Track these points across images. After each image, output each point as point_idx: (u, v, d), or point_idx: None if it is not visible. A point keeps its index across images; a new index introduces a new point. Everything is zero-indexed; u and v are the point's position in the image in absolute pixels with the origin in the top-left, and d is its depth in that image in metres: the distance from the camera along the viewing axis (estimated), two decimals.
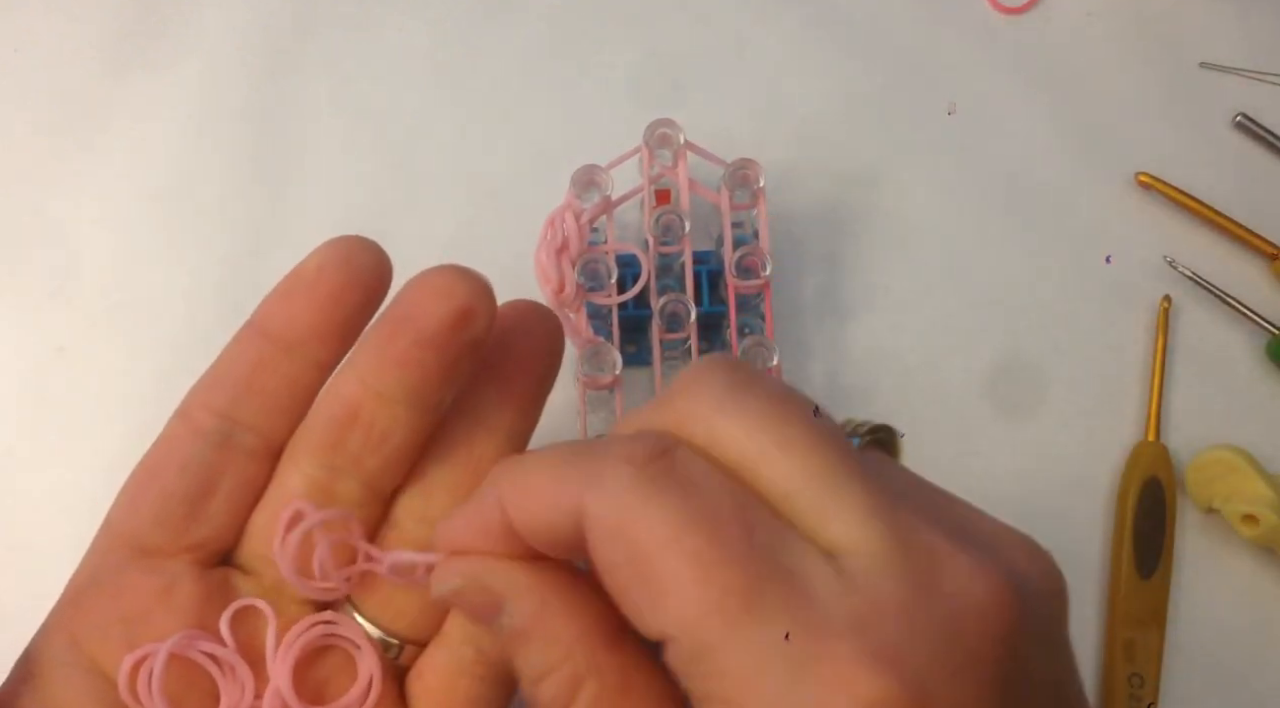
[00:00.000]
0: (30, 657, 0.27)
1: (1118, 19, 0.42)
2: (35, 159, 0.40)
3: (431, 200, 0.40)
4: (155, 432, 0.37)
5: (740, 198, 0.35)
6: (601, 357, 0.34)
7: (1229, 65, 0.42)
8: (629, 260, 0.35)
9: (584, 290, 0.34)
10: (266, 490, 0.26)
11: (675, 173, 0.35)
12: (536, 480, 0.23)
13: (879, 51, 0.42)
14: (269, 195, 0.40)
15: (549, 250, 0.33)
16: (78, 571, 0.28)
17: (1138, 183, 0.40)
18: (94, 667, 0.26)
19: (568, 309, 0.34)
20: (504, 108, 0.41)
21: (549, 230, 0.33)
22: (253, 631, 0.26)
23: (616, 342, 0.34)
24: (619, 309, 0.34)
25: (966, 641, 0.20)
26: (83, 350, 0.38)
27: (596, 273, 0.34)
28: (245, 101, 0.41)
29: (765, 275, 0.34)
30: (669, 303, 0.34)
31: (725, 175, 0.35)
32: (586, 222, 0.34)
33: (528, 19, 0.42)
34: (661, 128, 0.35)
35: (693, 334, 0.34)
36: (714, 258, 0.36)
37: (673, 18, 0.42)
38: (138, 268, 0.39)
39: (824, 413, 0.23)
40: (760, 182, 0.35)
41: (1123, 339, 0.39)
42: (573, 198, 0.34)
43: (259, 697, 0.25)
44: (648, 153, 0.35)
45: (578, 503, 0.21)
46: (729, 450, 0.22)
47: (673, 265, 0.35)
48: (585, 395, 0.34)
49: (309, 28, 0.42)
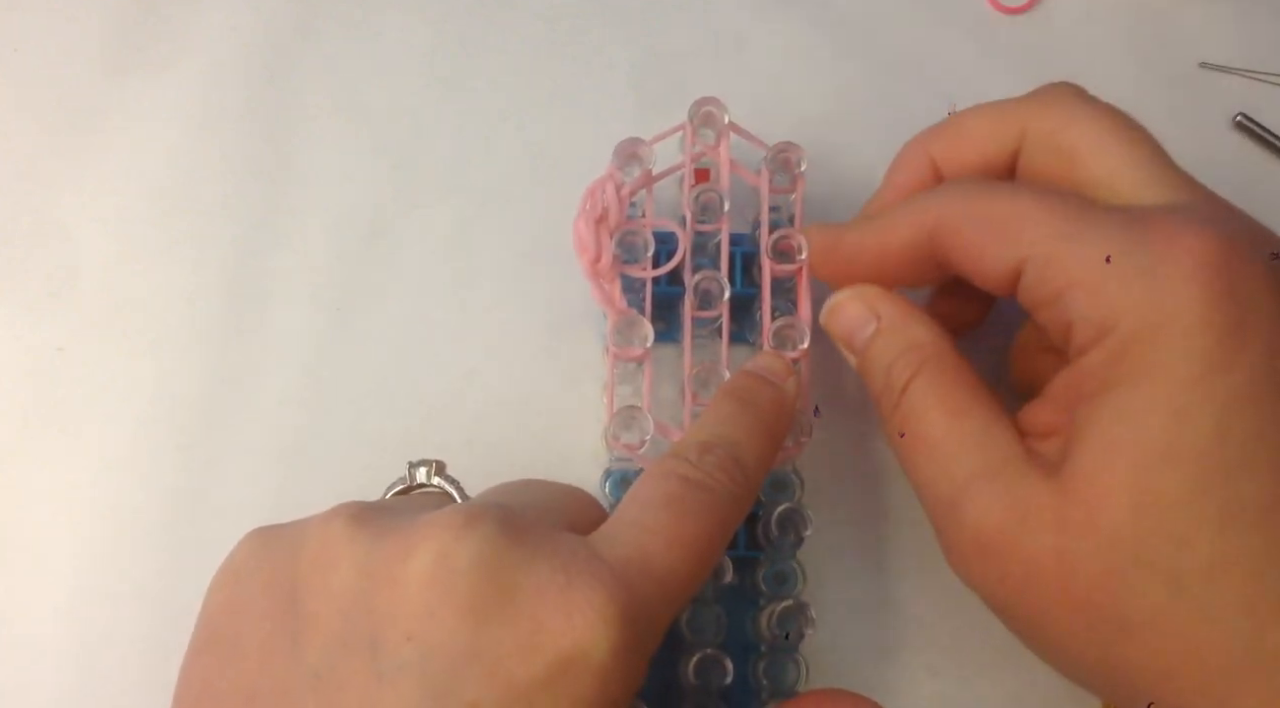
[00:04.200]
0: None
1: (1118, 19, 0.42)
2: (35, 159, 0.40)
3: (431, 200, 0.40)
4: (155, 432, 0.37)
5: (780, 181, 0.35)
6: (634, 328, 0.34)
7: (1229, 65, 0.42)
8: (666, 237, 0.34)
9: (620, 262, 0.34)
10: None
11: (717, 152, 0.35)
12: (894, 217, 0.31)
13: (878, 51, 0.42)
14: (269, 195, 0.40)
15: (588, 220, 0.33)
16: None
17: None
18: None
19: (603, 280, 0.34)
20: (504, 108, 0.41)
21: (589, 200, 0.33)
22: None
23: (648, 316, 0.34)
24: (653, 285, 0.34)
25: (1267, 235, 0.28)
26: (83, 350, 0.38)
27: (634, 245, 0.34)
28: (245, 101, 0.41)
29: (801, 260, 0.34)
30: (703, 280, 0.34)
31: (767, 157, 0.35)
32: (627, 194, 0.34)
33: (528, 19, 0.42)
34: (707, 106, 0.35)
35: (724, 314, 0.34)
36: (750, 240, 0.36)
37: (673, 18, 0.42)
38: (138, 268, 0.39)
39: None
40: (802, 166, 0.35)
41: None
42: (614, 169, 0.34)
43: None
44: (691, 130, 0.35)
45: (934, 218, 0.30)
46: (1074, 134, 0.30)
47: (708, 244, 0.35)
48: (615, 367, 0.34)
49: (309, 28, 0.42)
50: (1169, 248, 0.26)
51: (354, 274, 0.39)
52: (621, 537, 0.25)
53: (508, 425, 0.37)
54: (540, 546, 0.24)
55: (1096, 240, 0.27)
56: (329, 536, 0.25)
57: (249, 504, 0.37)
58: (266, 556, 0.26)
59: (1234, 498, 0.25)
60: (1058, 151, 0.30)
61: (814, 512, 0.34)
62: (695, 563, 0.26)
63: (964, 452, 0.28)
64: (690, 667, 0.32)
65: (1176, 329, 0.26)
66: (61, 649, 0.35)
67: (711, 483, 0.27)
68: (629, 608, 0.23)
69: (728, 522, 0.27)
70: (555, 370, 0.38)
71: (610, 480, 0.34)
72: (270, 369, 0.38)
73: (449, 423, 0.37)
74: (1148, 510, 0.25)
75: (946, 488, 0.28)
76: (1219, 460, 0.25)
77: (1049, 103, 0.31)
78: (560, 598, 0.23)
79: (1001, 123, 0.32)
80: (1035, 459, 0.28)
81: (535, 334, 0.38)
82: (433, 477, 0.31)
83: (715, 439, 0.28)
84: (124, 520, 0.36)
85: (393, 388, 0.38)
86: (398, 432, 0.37)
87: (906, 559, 0.36)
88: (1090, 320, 0.27)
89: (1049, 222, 0.28)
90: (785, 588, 0.33)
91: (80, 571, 0.36)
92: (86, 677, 0.35)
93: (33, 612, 0.36)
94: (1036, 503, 0.27)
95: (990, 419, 0.29)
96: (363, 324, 0.38)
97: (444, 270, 0.39)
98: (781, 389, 0.31)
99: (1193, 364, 0.25)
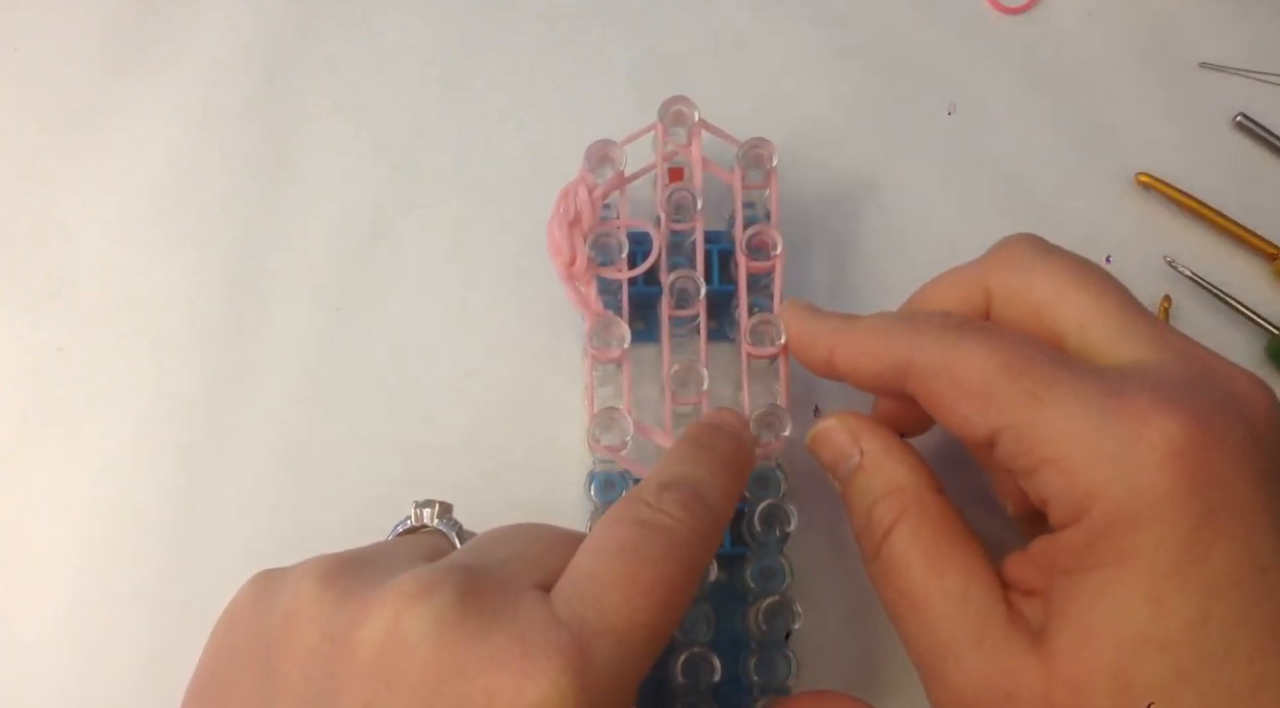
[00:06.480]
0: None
1: (1118, 19, 0.42)
2: (35, 159, 0.40)
3: (431, 200, 0.40)
4: (155, 432, 0.37)
5: (753, 177, 0.35)
6: (611, 330, 0.34)
7: (1229, 65, 0.42)
8: (640, 237, 0.35)
9: (595, 264, 0.34)
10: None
11: (689, 151, 0.35)
12: (867, 343, 0.31)
13: (878, 51, 0.42)
14: (269, 196, 0.40)
15: (561, 223, 0.33)
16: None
17: (1138, 183, 0.40)
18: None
19: (578, 282, 0.34)
20: (504, 108, 0.41)
21: (562, 203, 0.33)
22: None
23: (626, 317, 0.34)
24: (629, 285, 0.34)
25: (1239, 406, 0.27)
26: (83, 350, 0.38)
27: (608, 247, 0.34)
28: (245, 101, 0.41)
29: (776, 254, 0.34)
30: (679, 279, 0.34)
31: (739, 154, 0.35)
32: (600, 196, 0.34)
33: (528, 19, 0.42)
34: (677, 105, 0.35)
35: (702, 311, 0.34)
36: (725, 237, 0.36)
37: (673, 17, 0.42)
38: (138, 268, 0.39)
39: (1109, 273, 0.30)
40: (774, 161, 0.35)
41: None
42: (586, 172, 0.34)
43: None
44: (662, 129, 0.35)
45: (905, 359, 0.29)
46: (1037, 291, 0.30)
47: (684, 243, 0.35)
48: (593, 368, 0.34)
49: (309, 28, 0.42)
50: (1141, 428, 0.26)
51: (354, 274, 0.39)
52: (578, 593, 0.25)
53: (507, 425, 0.37)
54: (499, 614, 0.24)
55: (1068, 414, 0.26)
56: (299, 594, 0.25)
57: (249, 504, 0.37)
58: (256, 605, 0.26)
59: (1214, 685, 0.25)
60: (1025, 308, 0.30)
61: (808, 507, 0.34)
62: (657, 611, 0.25)
63: (947, 612, 0.28)
64: (678, 666, 0.32)
65: (1151, 518, 0.25)
66: (61, 649, 0.35)
67: (670, 523, 0.26)
68: (585, 675, 0.23)
69: (692, 563, 0.26)
70: (555, 370, 0.38)
71: (594, 483, 0.34)
72: (270, 369, 0.38)
73: (449, 423, 0.37)
74: (1129, 696, 0.25)
75: (930, 647, 0.28)
76: (1198, 649, 0.25)
77: (1010, 261, 0.31)
78: (515, 668, 0.23)
79: (966, 288, 0.31)
80: (1018, 622, 0.28)
81: (535, 334, 0.38)
82: (435, 519, 0.31)
83: (675, 479, 0.28)
84: (124, 520, 0.36)
85: (393, 388, 0.38)
86: (397, 432, 0.37)
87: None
88: (1065, 501, 0.27)
89: (1019, 389, 0.27)
90: (773, 584, 0.33)
91: (80, 571, 0.36)
92: (86, 677, 0.35)
93: (33, 612, 0.36)
94: (1023, 679, 0.27)
95: (972, 575, 0.29)
96: (363, 324, 0.38)
97: (444, 270, 0.39)
98: (738, 437, 0.31)
99: (1169, 553, 0.25)
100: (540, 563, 0.26)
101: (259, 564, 0.28)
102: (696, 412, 0.34)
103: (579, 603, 0.24)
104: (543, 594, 0.25)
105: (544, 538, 0.28)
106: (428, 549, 0.28)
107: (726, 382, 0.37)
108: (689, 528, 0.26)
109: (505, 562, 0.26)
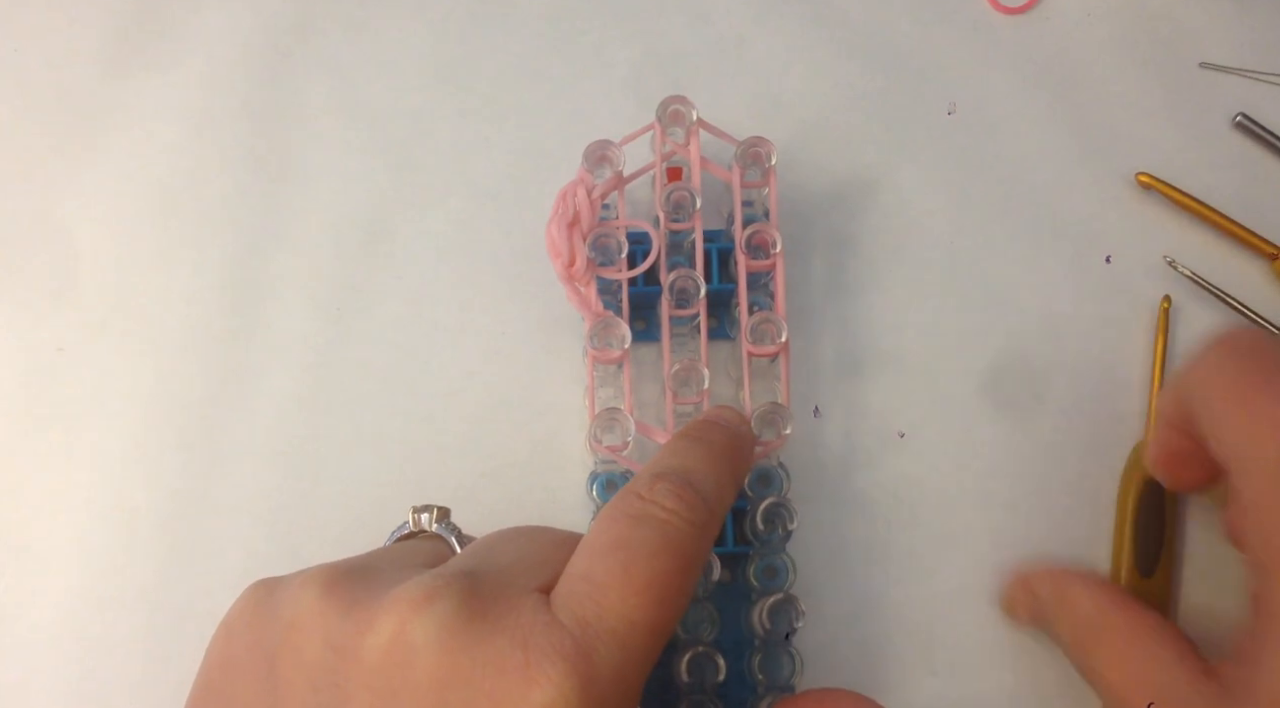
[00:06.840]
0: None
1: (1118, 19, 0.42)
2: (36, 159, 0.40)
3: (431, 200, 0.40)
4: (155, 431, 0.37)
5: (752, 176, 0.35)
6: (611, 330, 0.34)
7: (1229, 65, 0.42)
8: (640, 237, 0.35)
9: (594, 265, 0.34)
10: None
11: (687, 150, 0.35)
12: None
13: (879, 51, 0.42)
14: (269, 195, 0.40)
15: (560, 224, 0.33)
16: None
17: (1138, 183, 0.40)
18: None
19: (578, 283, 0.34)
20: (504, 108, 0.41)
21: (561, 204, 0.33)
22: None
23: (626, 317, 0.34)
24: (629, 285, 0.34)
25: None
26: (83, 350, 0.38)
27: (607, 248, 0.34)
28: (245, 101, 0.41)
29: (775, 252, 0.34)
30: (678, 279, 0.34)
31: (737, 153, 0.35)
32: (598, 196, 0.34)
33: (528, 19, 0.42)
34: (674, 104, 0.35)
35: (702, 311, 0.34)
36: (724, 236, 0.36)
37: (673, 17, 0.42)
38: (138, 268, 0.39)
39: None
40: (772, 160, 0.35)
41: (1123, 339, 0.39)
42: (585, 172, 0.34)
43: None
44: (660, 129, 0.35)
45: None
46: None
47: (683, 243, 0.35)
48: (594, 369, 0.34)
49: (309, 28, 0.42)
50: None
51: (354, 274, 0.39)
52: (576, 594, 0.24)
53: (508, 426, 0.37)
54: (501, 619, 0.24)
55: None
56: (301, 604, 0.25)
57: (249, 504, 0.37)
58: (255, 615, 0.26)
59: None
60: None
61: (810, 507, 0.34)
62: (656, 608, 0.24)
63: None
64: (683, 665, 0.32)
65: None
66: (61, 650, 0.35)
67: (664, 516, 0.26)
68: (589, 678, 0.23)
69: (688, 556, 0.26)
70: (555, 370, 0.38)
71: (596, 484, 0.34)
72: (270, 369, 0.38)
73: (449, 424, 0.37)
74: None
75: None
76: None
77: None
78: (519, 674, 0.23)
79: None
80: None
81: (535, 334, 0.38)
82: (433, 524, 0.31)
83: (666, 470, 0.27)
84: (124, 521, 0.36)
85: (393, 388, 0.38)
86: (398, 432, 0.37)
87: (904, 560, 0.36)
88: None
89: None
90: (776, 582, 0.33)
91: (80, 571, 0.36)
92: (86, 677, 0.35)
93: (33, 612, 0.36)
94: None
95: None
96: (363, 324, 0.38)
97: (444, 270, 0.39)
98: (735, 430, 0.31)
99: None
100: (541, 566, 0.26)
101: (259, 564, 0.28)
102: (698, 411, 0.34)
103: (578, 605, 0.24)
104: (543, 598, 0.25)
105: (544, 541, 0.28)
106: (427, 555, 0.28)
107: (727, 381, 0.37)
108: (683, 519, 0.26)
109: (506, 566, 0.26)
